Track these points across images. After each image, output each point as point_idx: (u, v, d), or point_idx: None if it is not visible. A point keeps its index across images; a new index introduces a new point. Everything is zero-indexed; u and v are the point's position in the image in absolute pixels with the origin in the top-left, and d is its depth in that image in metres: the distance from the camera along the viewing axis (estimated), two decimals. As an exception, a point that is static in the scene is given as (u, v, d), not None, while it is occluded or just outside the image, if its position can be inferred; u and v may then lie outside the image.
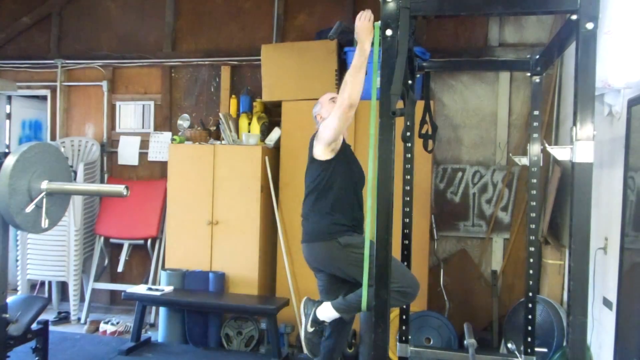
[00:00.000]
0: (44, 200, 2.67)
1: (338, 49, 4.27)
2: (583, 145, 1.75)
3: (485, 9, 1.97)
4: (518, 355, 2.81)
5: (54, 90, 5.39)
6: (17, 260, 5.02)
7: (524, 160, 2.89)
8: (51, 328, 3.53)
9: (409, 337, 2.91)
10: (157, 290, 4.18)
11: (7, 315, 2.74)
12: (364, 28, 2.43)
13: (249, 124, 4.61)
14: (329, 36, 2.60)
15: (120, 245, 5.02)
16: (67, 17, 5.44)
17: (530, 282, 2.81)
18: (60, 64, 5.31)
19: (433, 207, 4.47)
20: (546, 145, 2.04)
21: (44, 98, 5.53)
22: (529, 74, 2.85)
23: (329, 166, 2.77)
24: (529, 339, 2.80)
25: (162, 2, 5.18)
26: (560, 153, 1.85)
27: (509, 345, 3.02)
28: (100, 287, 5.15)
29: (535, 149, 2.81)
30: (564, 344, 3.32)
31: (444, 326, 3.85)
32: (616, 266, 2.58)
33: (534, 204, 2.82)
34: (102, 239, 5.06)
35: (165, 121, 5.20)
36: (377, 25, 2.12)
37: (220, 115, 4.68)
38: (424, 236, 4.08)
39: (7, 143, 5.66)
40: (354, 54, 2.52)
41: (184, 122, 4.83)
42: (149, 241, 4.94)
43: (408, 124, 2.12)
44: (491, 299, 4.27)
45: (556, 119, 4.29)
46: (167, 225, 4.60)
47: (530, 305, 2.81)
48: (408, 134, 2.20)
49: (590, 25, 1.74)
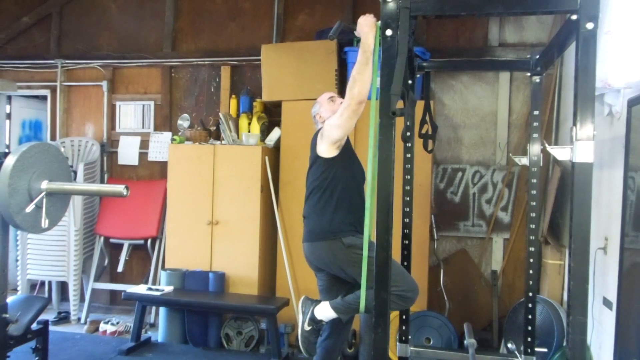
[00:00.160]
0: (44, 200, 2.67)
1: (338, 49, 4.27)
2: (583, 145, 1.75)
3: (485, 9, 1.97)
4: (518, 355, 2.81)
5: (54, 90, 5.39)
6: (17, 260, 5.02)
7: (524, 160, 2.89)
8: (51, 328, 3.54)
9: (409, 337, 2.91)
10: (157, 290, 4.19)
11: (7, 315, 2.73)
12: (365, 22, 2.43)
13: (249, 124, 4.61)
14: (329, 36, 2.59)
15: (120, 245, 5.02)
16: (67, 17, 5.45)
17: (530, 282, 2.81)
18: (60, 63, 5.31)
19: (433, 207, 4.47)
20: (546, 145, 2.04)
21: (44, 98, 5.53)
22: (529, 74, 2.86)
23: (333, 164, 2.74)
24: (529, 339, 2.80)
25: (162, 2, 5.18)
26: (560, 153, 1.85)
27: (509, 345, 3.01)
28: (100, 287, 5.16)
29: (535, 149, 2.81)
30: (564, 344, 3.32)
31: (444, 326, 3.85)
32: (616, 266, 2.57)
33: (534, 204, 2.82)
34: (102, 239, 5.07)
35: (165, 121, 5.21)
36: (378, 25, 2.12)
37: (220, 115, 4.69)
38: (424, 236, 4.08)
39: (7, 143, 5.66)
40: (354, 54, 2.52)
41: (184, 122, 4.84)
42: (149, 241, 4.94)
43: (408, 124, 2.12)
44: (491, 299, 4.27)
45: (556, 119, 4.29)
46: (167, 225, 4.60)
47: (530, 305, 2.81)
48: (408, 134, 2.19)
49: (590, 25, 1.74)
